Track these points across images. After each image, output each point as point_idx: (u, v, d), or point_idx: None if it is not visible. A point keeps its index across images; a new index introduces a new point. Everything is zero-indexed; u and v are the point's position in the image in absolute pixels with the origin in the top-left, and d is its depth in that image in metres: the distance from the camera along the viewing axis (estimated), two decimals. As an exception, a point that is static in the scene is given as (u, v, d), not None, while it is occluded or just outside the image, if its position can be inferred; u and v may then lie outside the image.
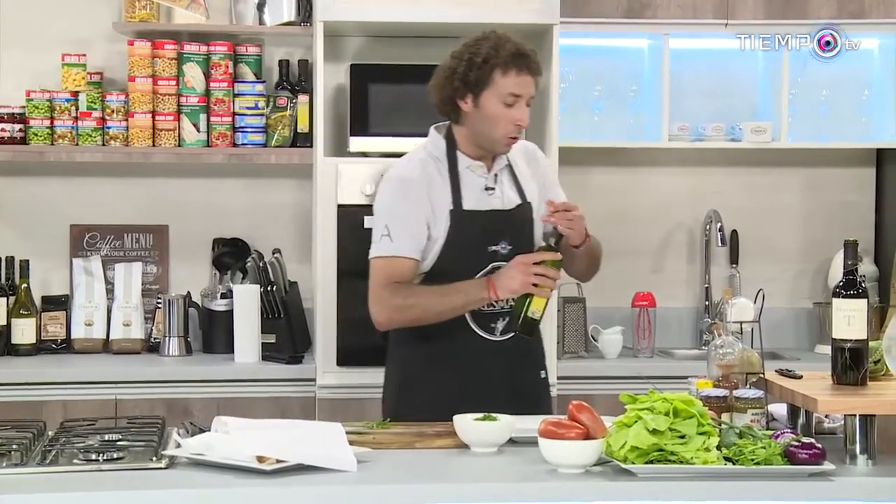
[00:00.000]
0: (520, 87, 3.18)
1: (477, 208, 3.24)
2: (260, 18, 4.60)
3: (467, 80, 3.18)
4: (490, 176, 3.28)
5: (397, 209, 3.22)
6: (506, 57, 3.16)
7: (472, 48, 3.20)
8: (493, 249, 3.24)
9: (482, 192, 3.26)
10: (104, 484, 2.54)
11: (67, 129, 4.49)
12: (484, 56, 3.16)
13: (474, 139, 3.25)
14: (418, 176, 3.23)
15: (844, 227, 4.72)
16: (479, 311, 3.23)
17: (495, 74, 3.16)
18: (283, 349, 4.43)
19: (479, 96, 3.18)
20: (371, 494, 2.57)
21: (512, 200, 3.29)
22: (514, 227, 3.27)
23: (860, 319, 2.86)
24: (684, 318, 4.89)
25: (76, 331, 4.57)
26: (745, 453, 2.62)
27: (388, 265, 3.21)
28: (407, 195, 3.22)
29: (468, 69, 3.17)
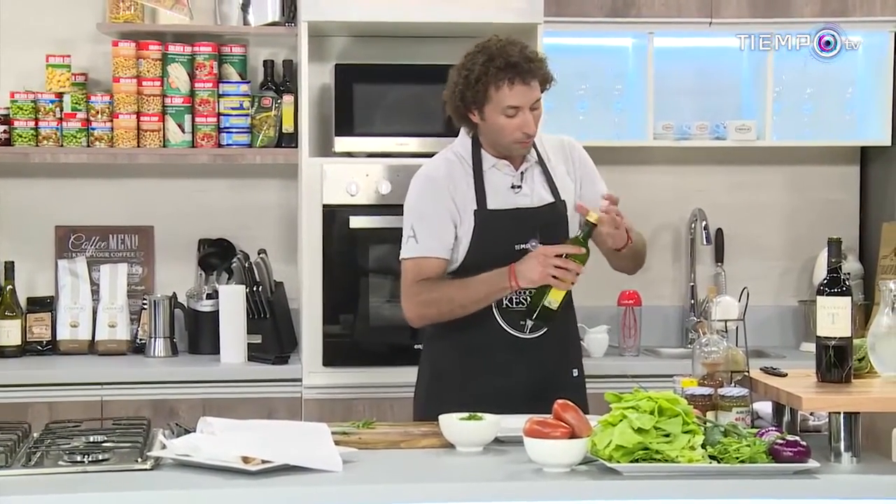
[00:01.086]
0: (516, 98, 3.16)
1: (502, 207, 3.24)
2: (244, 19, 4.59)
3: (466, 99, 3.18)
4: (517, 174, 3.28)
5: (422, 209, 3.24)
6: (495, 72, 3.14)
7: (468, 64, 3.19)
8: (521, 248, 3.23)
9: (508, 190, 3.26)
10: (89, 485, 2.53)
11: (52, 130, 4.48)
12: (477, 73, 3.15)
13: (492, 144, 3.26)
14: (443, 175, 3.25)
15: (829, 225, 4.73)
16: (507, 308, 3.24)
17: (490, 91, 3.15)
18: (269, 350, 4.43)
19: (481, 111, 3.19)
20: (356, 494, 2.57)
21: (542, 198, 3.29)
22: (545, 225, 3.26)
23: (844, 317, 2.87)
24: (670, 317, 4.90)
25: (61, 332, 4.55)
26: (730, 451, 2.63)
27: (415, 266, 3.23)
28: (431, 195, 3.24)
29: (465, 87, 3.18)
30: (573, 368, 3.38)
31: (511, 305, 3.25)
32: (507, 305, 3.25)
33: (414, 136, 4.38)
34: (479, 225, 3.23)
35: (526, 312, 3.19)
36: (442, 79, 4.34)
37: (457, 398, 3.13)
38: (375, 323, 4.31)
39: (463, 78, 3.18)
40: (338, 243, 4.27)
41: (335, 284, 4.27)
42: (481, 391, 3.20)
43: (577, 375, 3.39)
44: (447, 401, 3.13)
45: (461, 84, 3.18)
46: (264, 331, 4.47)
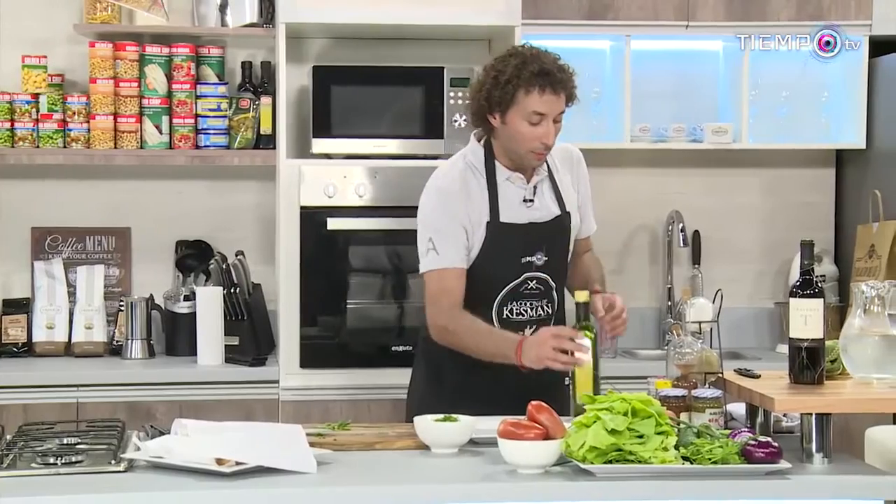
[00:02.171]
0: (544, 105, 3.16)
1: (514, 221, 3.25)
2: (222, 20, 4.59)
3: (492, 99, 3.17)
4: (529, 188, 3.28)
5: (439, 222, 3.23)
6: (528, 77, 3.14)
7: (499, 65, 3.19)
8: (527, 260, 3.26)
9: (521, 203, 3.27)
10: (62, 488, 2.53)
11: (28, 131, 4.47)
12: (508, 75, 3.15)
13: (506, 152, 3.26)
14: (458, 187, 3.24)
15: (805, 228, 4.76)
16: (507, 318, 3.26)
17: (518, 94, 3.15)
18: (247, 351, 4.42)
19: (505, 114, 3.18)
20: (330, 496, 2.57)
21: (551, 212, 3.30)
22: (551, 238, 3.30)
23: (817, 319, 2.89)
24: (647, 319, 4.91)
25: (37, 334, 4.54)
26: (703, 452, 2.64)
27: (438, 278, 3.23)
28: (447, 207, 3.23)
29: (493, 87, 3.17)
30: (566, 376, 3.38)
31: (511, 317, 3.28)
32: (507, 317, 3.28)
33: (392, 138, 4.38)
34: (491, 237, 3.24)
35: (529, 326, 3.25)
36: (420, 81, 4.42)
37: (450, 400, 3.14)
38: (353, 325, 4.32)
39: (492, 78, 3.17)
40: (315, 245, 4.27)
41: (313, 286, 4.27)
42: (476, 395, 3.21)
43: (568, 384, 3.39)
44: (442, 402, 3.15)
45: (489, 83, 3.17)
46: (242, 332, 4.47)
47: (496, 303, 3.27)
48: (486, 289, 3.24)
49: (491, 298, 3.26)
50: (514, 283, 3.26)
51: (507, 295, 3.26)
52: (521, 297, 3.27)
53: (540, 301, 3.29)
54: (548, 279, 3.29)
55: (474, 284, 3.23)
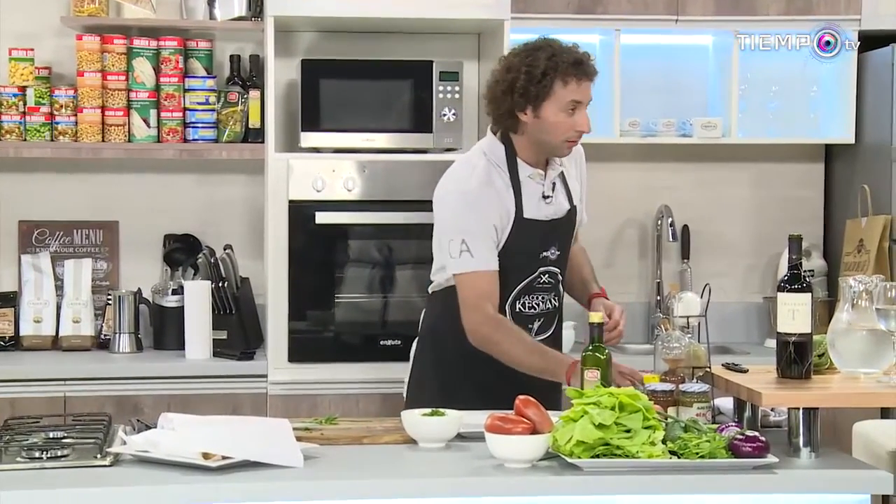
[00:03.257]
0: (580, 94, 3.18)
1: (536, 217, 3.27)
2: (210, 13, 4.57)
3: (528, 94, 3.16)
4: (547, 184, 3.29)
5: (470, 223, 3.20)
6: (565, 67, 3.15)
7: (529, 60, 3.17)
8: (544, 255, 3.29)
9: (540, 200, 3.28)
10: (47, 482, 2.52)
11: (15, 124, 4.45)
12: (543, 68, 3.15)
13: (534, 147, 3.25)
14: (485, 186, 3.22)
15: (794, 222, 4.76)
16: (520, 311, 3.27)
17: (556, 86, 3.15)
18: (235, 345, 4.41)
19: (539, 108, 3.17)
20: (317, 490, 2.57)
21: (564, 208, 3.33)
22: (564, 233, 3.34)
23: (804, 314, 2.89)
24: (636, 313, 4.91)
25: (25, 328, 4.52)
26: (690, 447, 2.64)
27: (473, 280, 3.20)
28: (477, 207, 3.21)
29: (528, 82, 3.15)
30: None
31: (524, 310, 3.29)
32: (519, 310, 3.29)
33: (381, 132, 4.38)
34: (514, 232, 3.24)
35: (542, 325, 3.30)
36: (409, 74, 4.41)
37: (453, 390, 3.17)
38: (341, 319, 4.31)
39: (525, 73, 3.15)
40: (304, 239, 4.26)
41: (301, 280, 4.26)
42: (480, 385, 3.22)
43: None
44: (444, 390, 3.17)
45: (523, 79, 3.15)
46: (230, 327, 4.46)
47: (511, 296, 3.28)
48: (504, 283, 3.23)
49: (507, 292, 3.26)
50: (530, 278, 3.28)
51: (522, 289, 3.28)
52: (534, 291, 3.30)
53: (549, 294, 3.32)
54: (558, 273, 3.33)
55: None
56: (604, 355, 3.01)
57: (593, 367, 3.00)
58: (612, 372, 3.00)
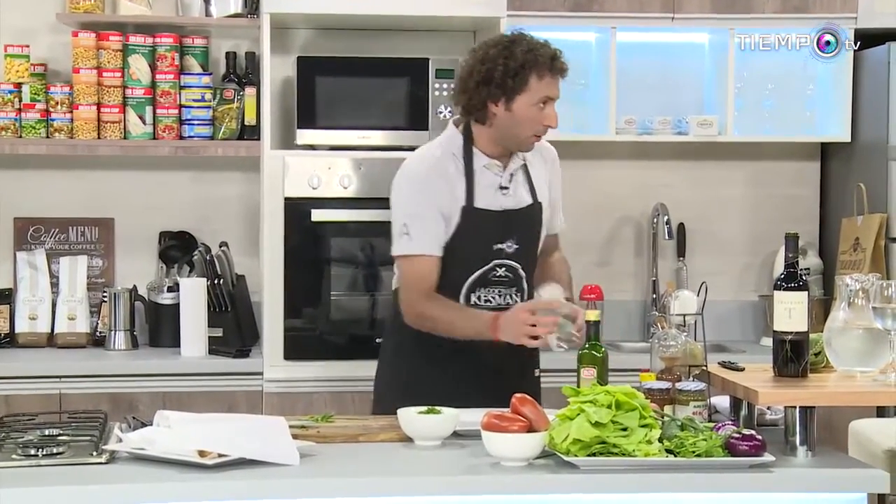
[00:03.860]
0: (552, 89, 3.19)
1: (489, 207, 3.25)
2: (206, 10, 4.56)
3: (504, 86, 3.15)
4: (505, 175, 3.28)
5: (415, 207, 3.22)
6: (543, 62, 3.16)
7: (506, 52, 3.16)
8: (498, 247, 3.26)
9: (496, 190, 3.26)
10: (43, 479, 2.52)
11: (10, 121, 4.44)
12: (521, 62, 3.15)
13: (499, 139, 3.24)
14: (436, 174, 3.23)
15: (790, 221, 4.76)
16: (475, 304, 3.26)
17: (532, 80, 3.16)
18: (230, 343, 4.41)
19: (512, 100, 3.17)
20: (313, 488, 2.56)
21: (523, 200, 3.31)
22: (522, 226, 3.30)
23: (801, 312, 2.89)
24: (632, 311, 4.92)
25: (20, 325, 4.52)
26: (687, 445, 2.64)
27: (411, 264, 3.23)
28: (423, 191, 3.22)
29: (505, 74, 3.15)
30: (535, 368, 3.41)
31: (479, 303, 3.27)
32: (475, 303, 3.26)
33: (377, 130, 4.37)
34: (464, 222, 3.23)
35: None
36: (405, 72, 4.40)
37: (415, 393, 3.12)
38: (336, 316, 4.31)
39: (502, 65, 3.14)
40: (299, 236, 4.26)
41: (297, 278, 4.26)
42: (442, 380, 3.21)
43: (538, 376, 3.42)
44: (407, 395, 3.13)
45: (500, 71, 3.14)
46: (225, 324, 4.45)
47: (465, 288, 3.25)
48: (456, 273, 3.23)
49: (459, 283, 3.25)
50: (483, 270, 3.25)
51: (475, 281, 3.25)
52: (490, 284, 3.26)
53: (509, 289, 3.28)
54: (517, 268, 3.28)
55: (444, 269, 3.22)
56: (600, 353, 3.01)
57: (590, 365, 3.01)
58: (605, 372, 3.01)
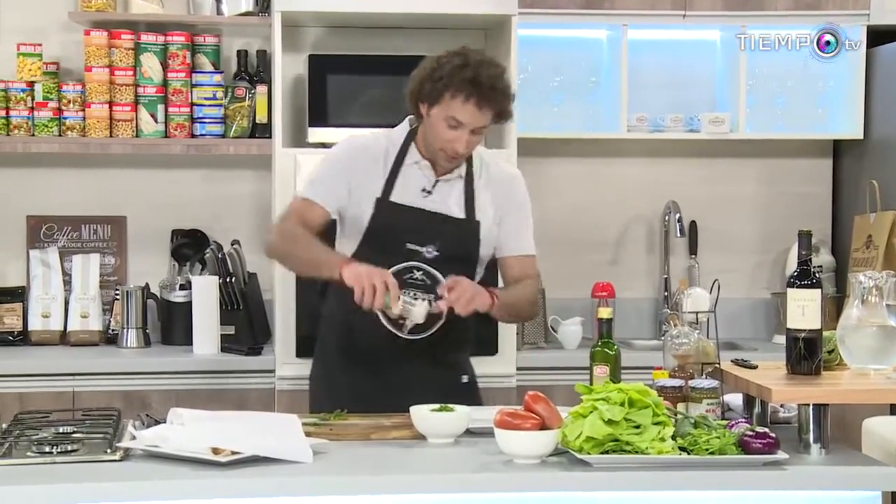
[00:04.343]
0: (464, 114, 3.11)
1: (405, 202, 3.22)
2: (218, 8, 4.57)
3: (423, 90, 3.15)
4: (432, 180, 3.24)
5: (332, 164, 3.28)
6: (458, 82, 3.10)
7: (441, 59, 3.16)
8: (414, 248, 3.20)
9: (419, 191, 3.23)
10: (58, 476, 2.52)
11: (23, 119, 4.45)
12: (442, 73, 3.12)
13: (425, 142, 3.24)
14: (366, 150, 3.26)
15: (802, 218, 4.76)
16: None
17: (445, 95, 3.11)
18: (242, 341, 4.41)
19: (430, 108, 3.16)
20: (327, 485, 2.57)
21: (451, 211, 3.25)
22: (447, 237, 3.21)
23: (814, 309, 2.89)
24: (644, 309, 4.92)
25: (33, 322, 4.53)
26: (700, 443, 2.64)
27: (300, 204, 3.26)
28: (344, 156, 3.27)
29: (427, 79, 3.14)
30: (461, 374, 3.37)
31: None
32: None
33: (388, 127, 4.35)
34: (378, 214, 3.21)
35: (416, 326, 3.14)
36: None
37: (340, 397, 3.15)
38: (349, 314, 4.30)
39: (429, 70, 3.15)
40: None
41: (308, 275, 4.25)
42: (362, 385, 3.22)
43: (468, 382, 3.37)
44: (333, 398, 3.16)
45: (425, 74, 3.16)
46: (237, 322, 4.46)
47: None
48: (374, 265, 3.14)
49: None
50: (397, 268, 3.14)
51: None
52: (405, 286, 3.15)
53: (426, 295, 3.13)
54: (437, 275, 3.16)
55: (363, 260, 3.14)
56: (613, 351, 3.01)
57: (602, 363, 3.00)
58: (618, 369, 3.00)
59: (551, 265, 4.72)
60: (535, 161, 4.67)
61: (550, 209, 4.83)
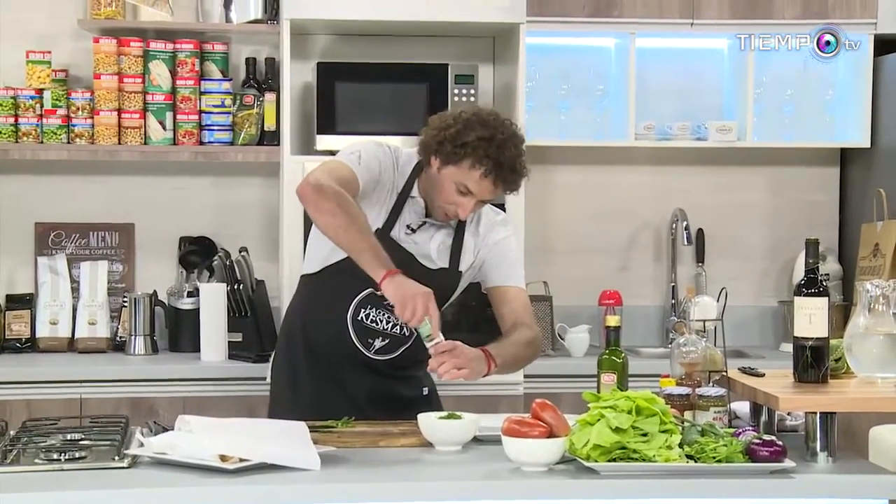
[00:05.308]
0: (479, 188, 3.09)
1: (398, 241, 3.18)
2: (226, 16, 4.59)
3: (443, 148, 3.09)
4: (419, 221, 3.21)
5: (373, 154, 3.16)
6: (482, 157, 3.05)
7: (469, 123, 3.09)
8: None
9: (404, 226, 3.21)
10: (66, 483, 2.52)
11: (32, 126, 4.47)
12: (468, 140, 3.06)
13: (425, 190, 3.21)
14: (390, 159, 3.20)
15: (809, 226, 4.76)
16: (361, 320, 3.18)
17: (464, 163, 3.07)
18: (250, 348, 4.42)
19: (444, 167, 3.11)
20: (334, 493, 2.57)
21: (428, 257, 3.20)
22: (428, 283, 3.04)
23: (821, 318, 2.88)
24: (651, 317, 4.92)
25: (41, 329, 4.54)
26: (707, 451, 2.64)
27: (344, 169, 3.09)
28: (382, 155, 3.18)
29: (448, 140, 3.08)
30: (423, 387, 3.35)
31: (365, 321, 3.19)
32: (361, 319, 3.18)
33: (396, 135, 4.35)
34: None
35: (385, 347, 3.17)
36: (424, 77, 4.40)
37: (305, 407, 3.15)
38: (356, 321, 4.30)
39: (453, 133, 3.08)
40: (319, 242, 4.26)
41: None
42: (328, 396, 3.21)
43: (427, 394, 3.36)
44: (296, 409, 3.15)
45: (449, 136, 3.09)
46: (245, 329, 4.47)
47: (356, 301, 3.17)
48: (350, 284, 3.14)
49: (353, 295, 3.17)
50: (373, 289, 3.07)
51: (367, 298, 3.15)
52: (381, 308, 3.15)
53: (398, 320, 3.06)
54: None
55: (340, 279, 3.15)
56: (620, 359, 3.01)
57: (610, 371, 3.01)
58: (625, 377, 3.00)
59: (558, 273, 4.73)
60: (542, 169, 4.68)
61: (557, 216, 4.84)
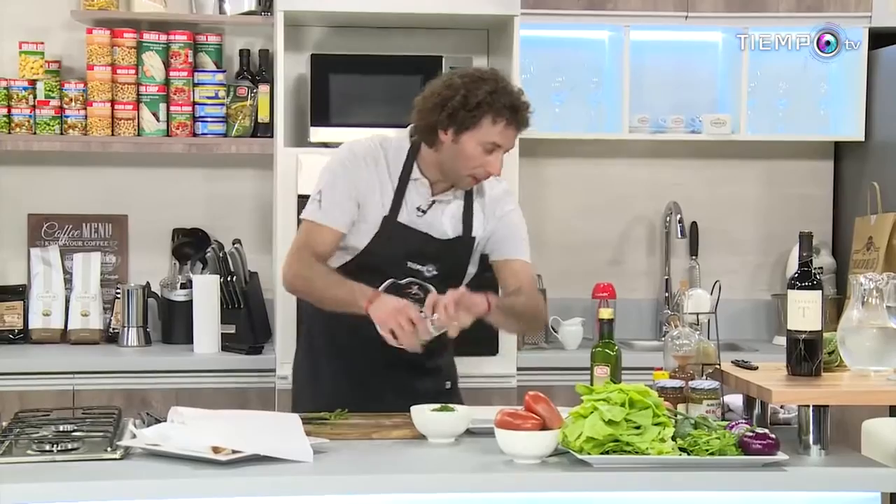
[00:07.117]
0: (504, 138, 3.12)
1: (410, 225, 3.20)
2: (220, 7, 4.58)
3: (455, 117, 3.09)
4: (428, 200, 3.22)
5: (335, 179, 3.20)
6: (500, 108, 3.09)
7: (470, 86, 3.10)
8: (415, 268, 3.20)
9: (414, 209, 3.21)
10: (58, 475, 2.52)
11: (25, 117, 4.46)
12: (479, 99, 3.08)
13: (440, 168, 3.20)
14: (367, 160, 3.21)
15: (803, 220, 4.76)
16: None
17: (485, 120, 3.09)
18: (243, 340, 4.42)
19: (460, 134, 3.11)
20: (327, 484, 2.57)
21: (443, 232, 3.22)
22: (445, 257, 3.19)
23: (814, 311, 2.89)
24: (644, 310, 4.92)
25: (34, 321, 4.53)
26: (700, 444, 2.64)
27: (310, 230, 3.19)
28: (349, 171, 3.20)
29: (461, 107, 3.08)
30: (445, 381, 3.37)
31: None
32: None
33: (390, 127, 4.33)
34: (384, 232, 3.19)
35: None
36: (418, 69, 4.39)
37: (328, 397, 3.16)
38: (349, 314, 4.30)
39: (462, 97, 3.08)
40: (312, 234, 4.25)
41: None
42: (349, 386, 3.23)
43: (450, 388, 3.38)
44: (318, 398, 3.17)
45: (457, 102, 3.08)
46: (238, 321, 4.46)
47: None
48: (368, 279, 3.14)
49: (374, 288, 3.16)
50: (395, 282, 3.16)
51: (388, 290, 3.16)
52: (404, 298, 3.14)
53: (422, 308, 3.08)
54: (433, 290, 3.15)
55: (359, 272, 3.15)
56: (613, 351, 3.01)
57: (603, 364, 3.01)
58: (618, 370, 3.01)
59: (552, 265, 4.73)
60: (536, 162, 4.68)
61: (551, 209, 4.83)
